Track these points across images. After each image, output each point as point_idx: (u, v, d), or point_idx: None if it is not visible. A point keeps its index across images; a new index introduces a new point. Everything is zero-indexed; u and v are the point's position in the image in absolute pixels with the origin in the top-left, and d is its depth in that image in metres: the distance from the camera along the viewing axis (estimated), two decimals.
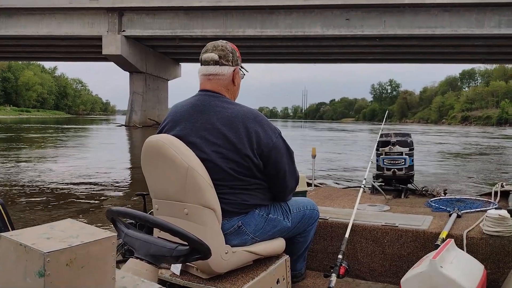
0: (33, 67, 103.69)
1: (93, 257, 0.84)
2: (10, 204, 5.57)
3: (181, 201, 1.66)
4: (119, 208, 1.38)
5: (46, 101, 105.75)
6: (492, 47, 29.93)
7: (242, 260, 1.74)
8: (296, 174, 1.91)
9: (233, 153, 1.67)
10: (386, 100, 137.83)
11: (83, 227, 0.92)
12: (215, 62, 1.77)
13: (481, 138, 28.87)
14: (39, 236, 0.85)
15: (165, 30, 29.53)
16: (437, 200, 3.04)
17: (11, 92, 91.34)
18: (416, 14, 26.21)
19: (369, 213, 2.70)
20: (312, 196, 3.19)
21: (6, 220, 1.55)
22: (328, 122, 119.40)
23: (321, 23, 27.57)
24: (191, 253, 1.28)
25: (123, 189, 7.28)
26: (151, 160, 1.73)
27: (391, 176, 3.39)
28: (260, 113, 1.79)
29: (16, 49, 37.11)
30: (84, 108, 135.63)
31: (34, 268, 0.79)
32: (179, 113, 1.79)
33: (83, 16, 29.87)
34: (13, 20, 30.13)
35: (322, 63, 45.99)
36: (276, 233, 1.86)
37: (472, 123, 77.52)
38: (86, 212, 5.47)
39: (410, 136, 3.49)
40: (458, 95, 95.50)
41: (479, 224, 2.27)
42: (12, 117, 67.90)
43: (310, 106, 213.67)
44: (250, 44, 30.87)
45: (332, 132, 37.00)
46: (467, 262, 1.84)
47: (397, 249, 2.32)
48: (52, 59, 50.06)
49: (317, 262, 2.51)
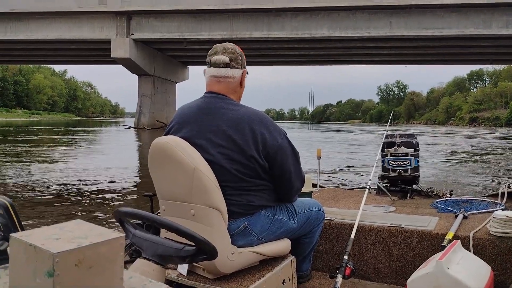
0: (44, 70, 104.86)
1: (101, 257, 0.85)
2: (19, 205, 5.63)
3: (188, 202, 1.68)
4: (127, 209, 1.39)
5: (57, 104, 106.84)
6: (500, 48, 29.61)
7: (248, 260, 1.75)
8: (301, 175, 1.91)
9: (239, 154, 1.69)
10: (393, 102, 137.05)
11: (92, 227, 0.93)
12: (226, 65, 1.78)
13: (489, 139, 28.58)
14: (48, 236, 0.86)
15: (173, 33, 29.67)
16: (443, 201, 3.03)
17: (22, 95, 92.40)
18: (423, 15, 26.04)
19: (374, 214, 2.70)
20: (318, 197, 3.19)
21: (16, 221, 1.57)
22: (334, 123, 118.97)
23: (327, 25, 27.52)
24: (197, 254, 1.29)
25: (130, 190, 7.32)
26: (158, 162, 1.75)
27: (397, 177, 3.38)
28: (265, 114, 1.81)
29: (26, 52, 37.46)
30: (93, 110, 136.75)
31: (44, 268, 0.80)
32: (186, 115, 1.80)
33: (92, 20, 30.10)
34: (24, 24, 30.47)
35: (329, 65, 45.83)
36: (282, 234, 1.87)
37: (481, 124, 76.75)
38: (94, 213, 5.51)
39: (416, 137, 3.48)
40: (466, 96, 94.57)
41: (485, 225, 2.26)
42: (23, 120, 68.60)
43: (317, 107, 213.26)
44: (257, 47, 30.90)
45: (338, 134, 36.86)
46: (474, 263, 1.83)
47: (403, 250, 2.32)
48: (62, 62, 50.48)
49: (323, 263, 2.51)
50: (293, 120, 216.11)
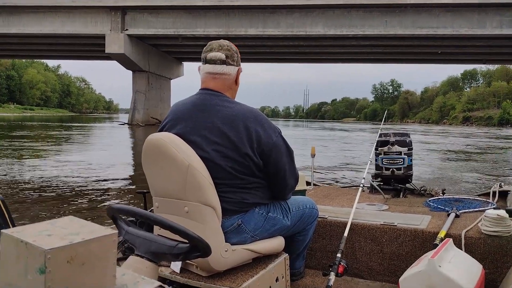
0: (37, 65, 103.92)
1: (94, 254, 0.85)
2: (11, 201, 5.59)
3: (182, 199, 1.67)
4: (120, 206, 1.39)
5: (50, 99, 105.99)
6: (494, 48, 29.83)
7: (242, 258, 1.75)
8: (296, 173, 1.92)
9: (233, 152, 1.68)
10: (387, 100, 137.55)
11: (84, 224, 0.92)
12: (222, 62, 1.77)
13: (481, 139, 28.81)
14: (39, 233, 0.85)
15: (168, 29, 29.53)
16: (436, 199, 3.05)
17: (15, 90, 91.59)
18: (418, 14, 26.14)
19: (368, 212, 2.71)
20: (311, 195, 3.20)
21: (7, 217, 1.56)
22: (329, 121, 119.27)
23: (322, 23, 27.54)
24: (191, 251, 1.28)
25: (124, 187, 7.30)
26: (152, 158, 1.74)
27: (390, 176, 3.40)
28: (260, 112, 1.80)
29: (19, 47, 37.10)
30: (87, 106, 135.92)
31: (35, 265, 0.79)
32: (180, 112, 1.80)
33: (86, 15, 29.87)
34: (16, 18, 30.15)
35: (324, 62, 45.96)
36: (275, 231, 1.87)
37: (474, 123, 77.30)
38: (86, 209, 5.49)
39: (409, 136, 3.50)
40: (460, 95, 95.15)
41: (477, 224, 2.28)
42: (15, 115, 68.02)
43: (312, 105, 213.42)
44: (252, 44, 30.86)
45: (333, 132, 36.96)
46: (465, 261, 1.85)
47: (395, 248, 2.33)
48: (55, 57, 50.06)
49: (316, 260, 2.52)
50: (288, 118, 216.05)
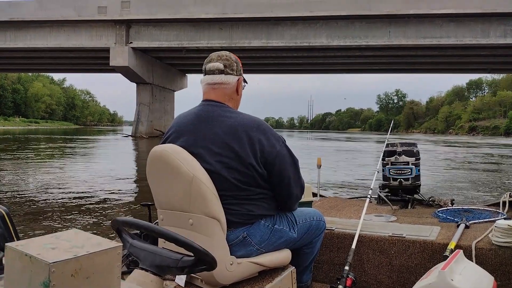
0: (42, 79, 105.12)
1: (98, 267, 0.84)
2: (16, 214, 5.59)
3: (186, 211, 1.66)
4: (125, 218, 1.37)
5: (55, 112, 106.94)
6: (498, 57, 29.86)
7: (248, 271, 1.72)
8: (301, 182, 1.89)
9: (237, 162, 1.67)
10: (392, 110, 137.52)
11: (89, 237, 0.92)
12: (220, 71, 1.78)
13: (489, 148, 28.63)
14: (44, 246, 0.85)
15: (171, 42, 29.85)
16: (444, 210, 3.01)
17: (21, 103, 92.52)
18: (421, 24, 26.26)
19: (375, 223, 2.67)
20: (318, 206, 3.17)
21: (12, 230, 1.56)
22: (334, 132, 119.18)
23: (326, 34, 27.72)
24: (196, 264, 1.26)
25: (128, 199, 7.28)
26: (156, 170, 1.73)
27: (398, 186, 3.36)
28: (263, 121, 1.79)
29: (25, 61, 37.62)
30: (91, 119, 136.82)
31: (39, 278, 0.78)
32: (183, 124, 1.79)
33: (91, 29, 30.29)
34: (23, 33, 30.63)
35: (328, 73, 46.11)
36: (281, 244, 1.84)
37: (480, 133, 77.00)
38: (91, 222, 5.47)
39: (416, 145, 3.47)
40: (465, 105, 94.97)
41: (487, 234, 2.24)
42: (20, 128, 68.54)
43: (316, 116, 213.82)
44: (256, 55, 31.08)
45: (338, 142, 36.89)
46: (477, 273, 1.81)
47: (404, 260, 2.29)
48: (60, 70, 50.68)
49: (324, 273, 2.48)
50: (292, 128, 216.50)
